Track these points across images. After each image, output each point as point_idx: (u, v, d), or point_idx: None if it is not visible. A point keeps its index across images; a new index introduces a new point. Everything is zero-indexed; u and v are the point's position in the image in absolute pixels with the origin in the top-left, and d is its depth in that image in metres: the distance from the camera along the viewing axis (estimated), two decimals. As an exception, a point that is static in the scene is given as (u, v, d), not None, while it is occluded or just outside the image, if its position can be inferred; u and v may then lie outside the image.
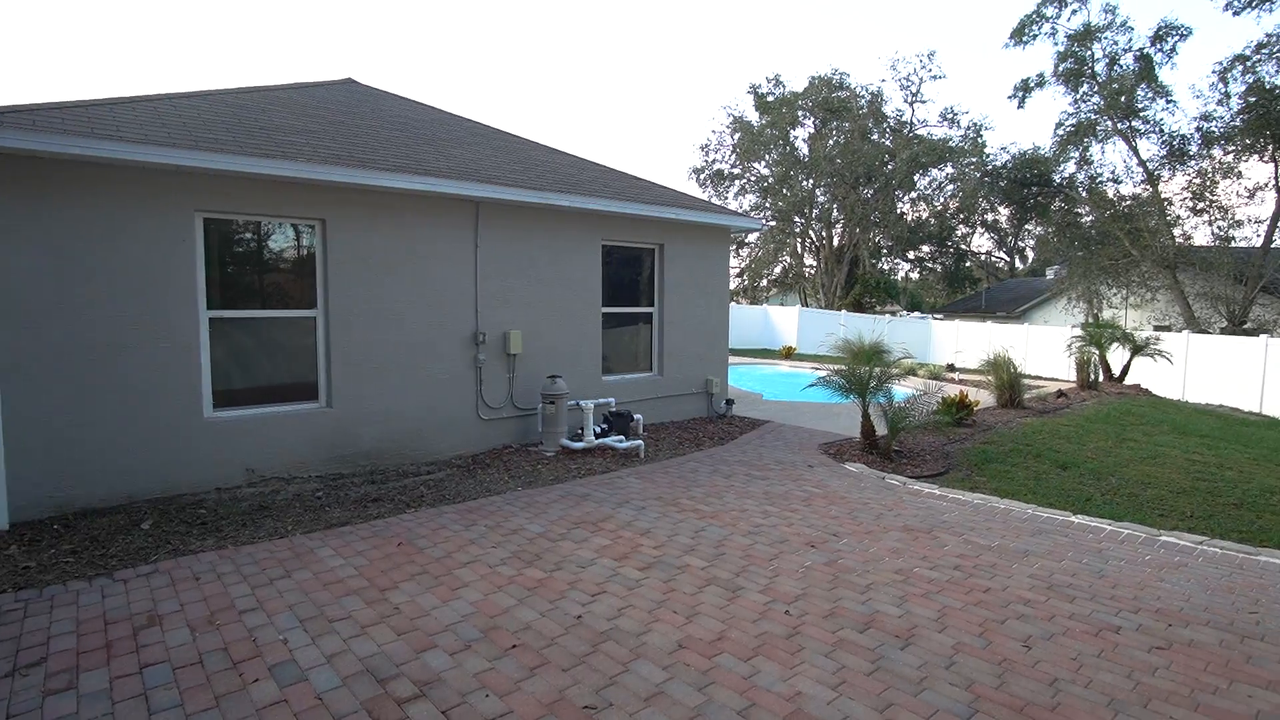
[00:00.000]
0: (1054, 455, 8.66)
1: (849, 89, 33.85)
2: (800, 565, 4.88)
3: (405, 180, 7.46)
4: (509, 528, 5.62)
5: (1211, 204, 22.45)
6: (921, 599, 4.36)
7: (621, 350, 10.36)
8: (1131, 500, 7.11)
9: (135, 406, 6.22)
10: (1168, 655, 3.73)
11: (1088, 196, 25.64)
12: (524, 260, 8.81)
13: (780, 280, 41.39)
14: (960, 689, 3.36)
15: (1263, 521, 6.52)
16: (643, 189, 10.92)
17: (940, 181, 33.79)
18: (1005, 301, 33.39)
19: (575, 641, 3.76)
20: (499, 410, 8.63)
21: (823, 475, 7.56)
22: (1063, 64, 23.64)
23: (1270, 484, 7.78)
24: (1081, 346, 14.69)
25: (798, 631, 3.91)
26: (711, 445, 9.11)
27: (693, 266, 10.87)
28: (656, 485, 7.01)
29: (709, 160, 37.60)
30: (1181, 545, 5.58)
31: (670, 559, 4.97)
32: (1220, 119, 21.64)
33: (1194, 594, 4.56)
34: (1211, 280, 21.80)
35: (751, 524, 5.79)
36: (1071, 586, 4.62)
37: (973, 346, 21.63)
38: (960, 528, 5.82)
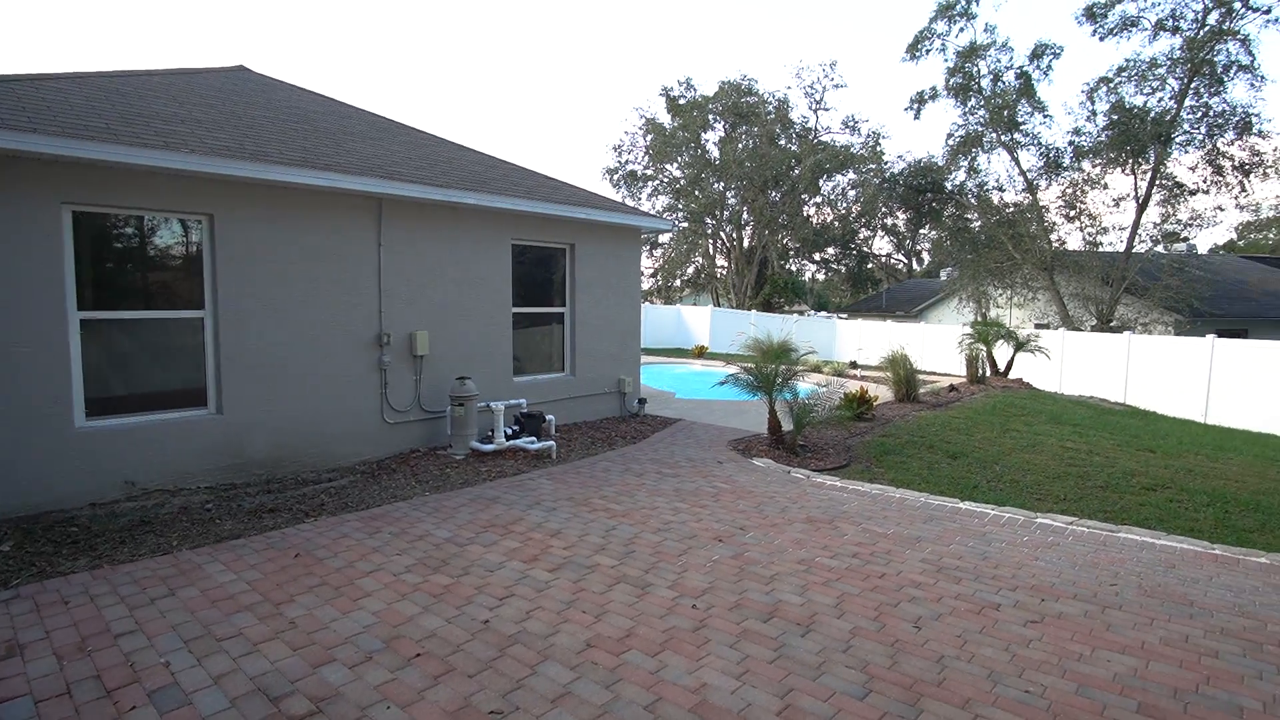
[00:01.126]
0: (945, 446, 9.20)
1: (757, 95, 34.78)
2: (708, 559, 4.99)
3: (302, 175, 7.13)
4: (415, 534, 5.47)
5: (1082, 212, 24.42)
6: (822, 587, 4.54)
7: (534, 350, 10.27)
8: (1013, 486, 7.63)
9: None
10: (1040, 628, 4.04)
11: (976, 203, 27.35)
12: (430, 259, 8.59)
13: (693, 280, 42.07)
14: (856, 671, 3.52)
15: (1124, 501, 7.14)
16: (553, 188, 10.86)
17: (843, 187, 35.27)
18: (904, 301, 35.16)
19: (482, 647, 3.70)
20: (405, 414, 8.38)
21: (731, 471, 7.74)
22: (952, 79, 25.15)
23: (1131, 467, 8.52)
24: (970, 344, 15.65)
25: (704, 624, 3.99)
26: (624, 444, 9.17)
27: (605, 266, 10.90)
28: (568, 486, 6.99)
29: (622, 161, 37.81)
30: (1055, 526, 6.04)
31: (581, 559, 4.97)
32: (1089, 134, 23.60)
33: (1064, 570, 4.95)
34: (1083, 282, 23.70)
35: (662, 521, 5.86)
36: (958, 569, 4.92)
37: (874, 344, 22.67)
38: (859, 517, 6.10)
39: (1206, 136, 22.04)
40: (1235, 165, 22.22)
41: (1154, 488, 7.64)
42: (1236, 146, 22.19)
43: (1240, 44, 20.90)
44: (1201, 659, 3.72)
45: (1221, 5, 20.67)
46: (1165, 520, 6.51)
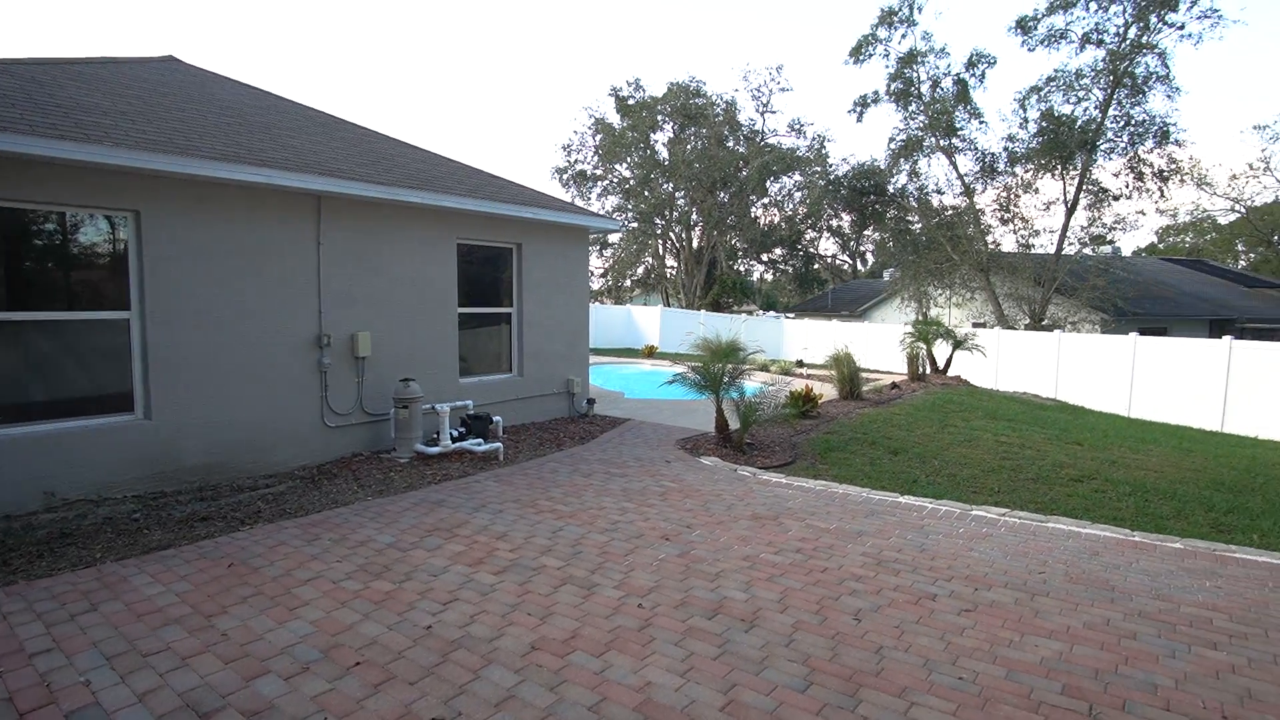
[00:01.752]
0: (887, 442, 9.44)
1: (705, 97, 35.07)
2: (655, 558, 5.01)
3: (235, 170, 6.88)
4: (356, 540, 5.34)
5: (1015, 215, 25.40)
6: (766, 583, 4.61)
7: (480, 351, 10.15)
8: (951, 480, 7.89)
9: (-107, 425, 5.32)
10: (974, 616, 4.18)
11: (917, 206, 28.17)
12: (373, 259, 8.40)
13: (643, 280, 42.19)
14: (798, 664, 3.59)
15: (1054, 493, 7.45)
16: (500, 187, 10.75)
17: (789, 188, 35.85)
18: (849, 301, 35.96)
19: (424, 653, 3.64)
20: (347, 417, 8.17)
21: (679, 470, 7.79)
22: (893, 84, 25.82)
23: (1061, 460, 8.90)
24: (911, 342, 16.11)
25: (650, 623, 4.01)
26: (572, 445, 9.13)
27: (553, 266, 10.84)
28: (515, 488, 6.93)
29: (571, 160, 37.66)
30: (989, 518, 6.27)
31: (527, 561, 4.93)
32: (1021, 141, 24.54)
33: (997, 560, 5.14)
34: (1017, 283, 24.65)
35: (609, 521, 5.86)
36: (897, 561, 5.06)
37: (819, 343, 23.11)
38: (803, 513, 6.21)
39: (1129, 144, 23.18)
40: (1155, 172, 23.43)
41: (1081, 479, 8.00)
42: (1156, 154, 23.41)
43: (1158, 57, 22.06)
44: (1121, 641, 3.91)
45: (1140, 20, 21.76)
46: (1091, 510, 6.83)
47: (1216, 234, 46.81)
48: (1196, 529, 6.37)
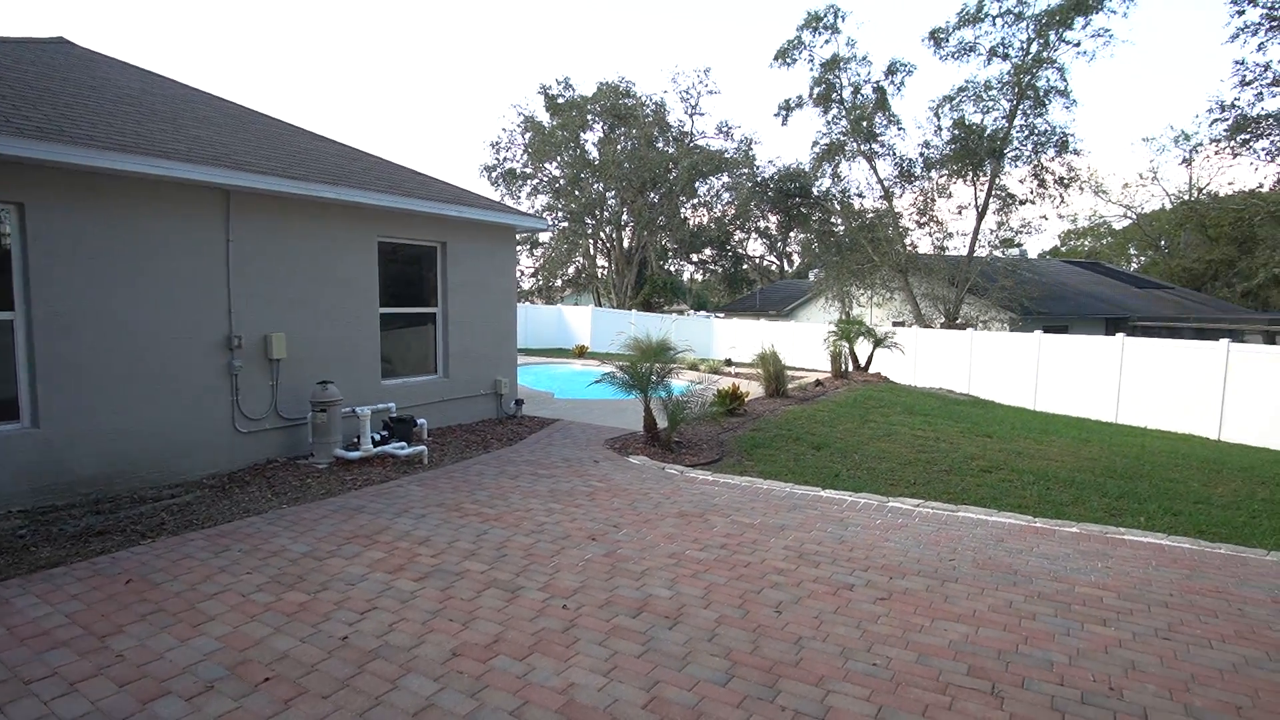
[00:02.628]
0: (810, 438, 9.70)
1: (635, 97, 35.18)
2: (581, 559, 4.99)
3: (134, 162, 6.48)
4: (269, 550, 5.12)
5: (931, 219, 26.53)
6: (691, 579, 4.66)
7: (404, 352, 9.89)
8: (870, 473, 8.17)
9: None
10: (888, 604, 4.34)
11: (840, 209, 29.04)
12: (288, 257, 8.06)
13: (574, 280, 41.99)
14: (720, 658, 3.64)
15: (965, 483, 7.82)
16: (423, 184, 10.50)
17: (718, 189, 36.35)
18: (776, 301, 36.76)
19: (339, 665, 3.52)
20: (260, 421, 7.82)
21: (607, 469, 7.79)
22: (816, 88, 26.54)
23: (972, 452, 9.34)
24: (835, 341, 16.60)
25: (574, 624, 3.99)
26: (500, 447, 9.01)
27: (479, 265, 10.66)
28: (439, 491, 6.78)
29: (500, 159, 37.11)
30: (904, 509, 6.52)
31: (449, 566, 4.83)
32: (936, 147, 25.64)
33: (911, 549, 5.35)
34: (933, 283, 25.75)
35: (536, 523, 5.81)
36: (818, 554, 5.20)
37: (747, 343, 23.55)
38: (729, 509, 6.31)
39: (1033, 153, 24.53)
40: (1056, 179, 24.88)
41: (990, 470, 8.42)
42: (1057, 163, 24.85)
43: (1057, 72, 23.43)
44: (1022, 622, 4.13)
45: (1041, 37, 23.07)
46: (998, 499, 7.19)
47: (1112, 238, 50.14)
48: (1092, 514, 6.79)
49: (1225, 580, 4.90)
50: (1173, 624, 4.16)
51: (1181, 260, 41.12)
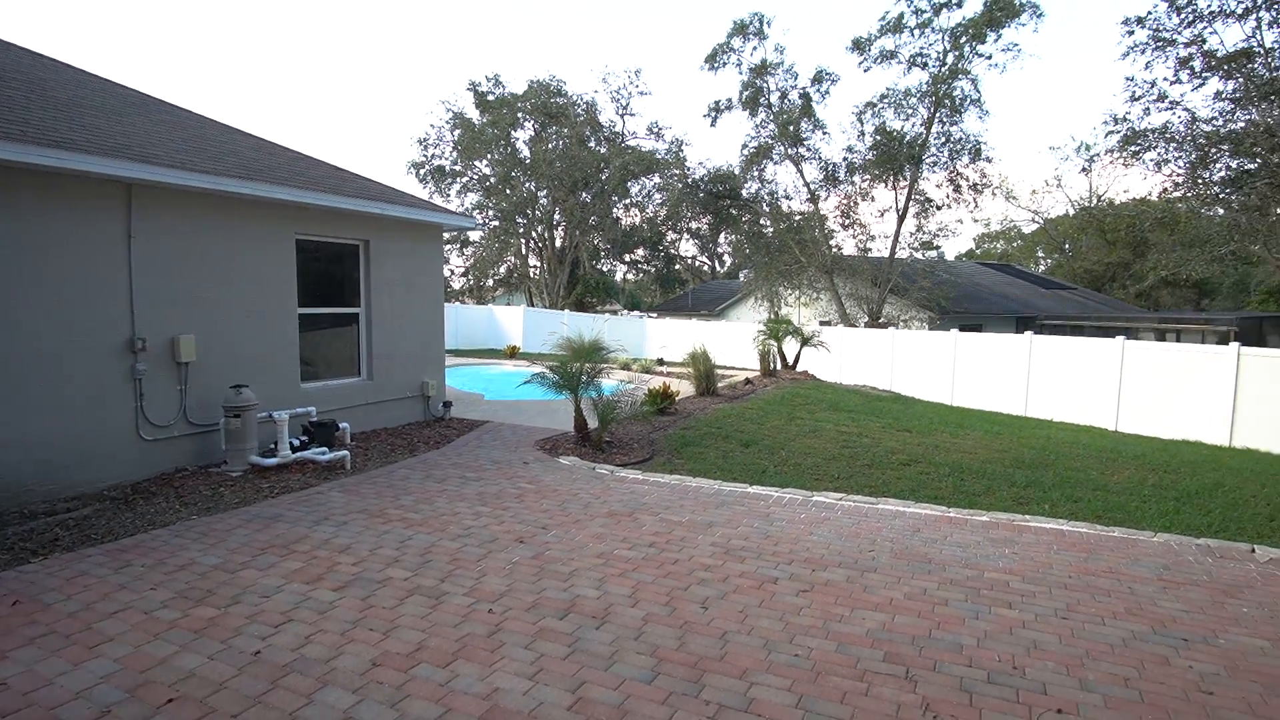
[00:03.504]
0: (739, 435, 9.87)
1: (566, 96, 34.99)
2: (508, 562, 4.93)
3: (24, 152, 6.03)
4: (175, 564, 4.85)
5: (855, 221, 27.42)
6: (619, 578, 4.67)
7: (325, 354, 9.55)
8: (796, 469, 8.37)
9: None
10: (810, 596, 4.46)
11: (769, 210, 29.66)
12: (197, 255, 7.66)
13: (506, 280, 41.48)
14: (646, 656, 3.66)
15: (885, 476, 8.10)
16: (345, 180, 10.16)
17: (649, 190, 36.55)
18: (707, 301, 37.24)
19: (250, 681, 3.37)
20: (168, 429, 7.41)
21: (537, 471, 7.73)
22: (745, 92, 27.03)
23: (892, 446, 9.70)
24: (763, 340, 16.95)
25: (500, 628, 3.94)
26: (427, 450, 8.81)
27: (405, 265, 10.39)
28: (362, 497, 6.58)
29: (429, 155, 36.28)
30: (827, 502, 6.71)
31: (371, 574, 4.69)
32: (859, 152, 26.51)
33: (833, 541, 5.52)
34: (857, 284, 26.60)
35: (462, 527, 5.70)
36: (744, 549, 5.30)
37: (679, 342, 23.77)
38: (658, 508, 6.36)
39: (949, 159, 25.65)
40: (970, 185, 26.08)
41: (909, 463, 8.75)
42: (971, 169, 26.06)
43: (971, 82, 24.56)
44: (935, 608, 4.32)
45: (956, 48, 24.15)
46: (916, 490, 7.48)
47: (1021, 241, 52.93)
48: (1001, 503, 7.15)
49: (1118, 561, 5.24)
50: (1071, 604, 4.42)
51: (1083, 262, 43.79)
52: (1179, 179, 11.68)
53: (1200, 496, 7.57)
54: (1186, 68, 10.70)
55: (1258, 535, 6.18)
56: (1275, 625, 4.17)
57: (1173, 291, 38.63)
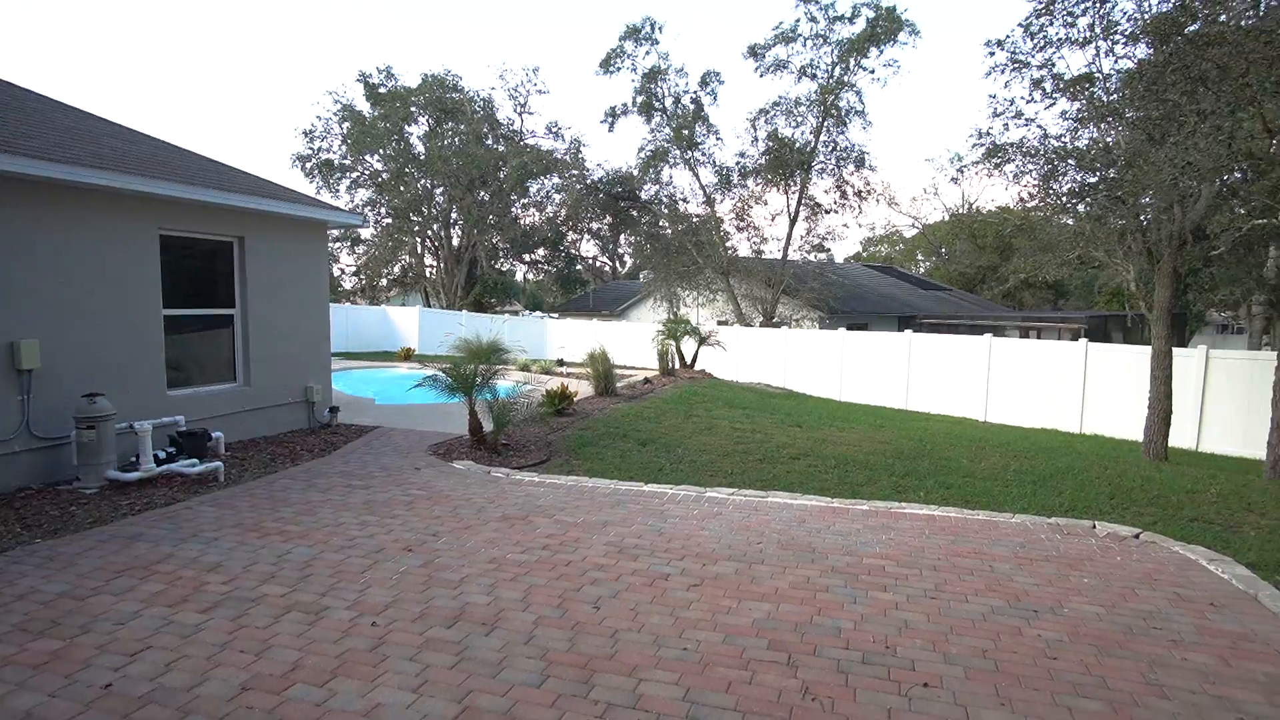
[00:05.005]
0: (637, 434, 9.97)
1: (463, 92, 34.17)
2: (395, 572, 4.77)
3: None
4: (13, 594, 4.38)
5: (749, 224, 28.33)
6: (510, 583, 4.61)
7: (197, 358, 8.90)
8: (692, 465, 8.54)
9: None
10: (700, 590, 4.56)
11: (667, 213, 30.11)
12: (42, 251, 6.96)
13: (401, 280, 40.06)
14: (536, 660, 3.63)
15: (775, 470, 8.40)
16: (216, 172, 9.51)
17: (549, 190, 36.27)
18: (609, 301, 37.38)
19: (99, 717, 3.09)
20: (8, 443, 6.68)
21: (429, 476, 7.51)
22: (639, 97, 27.34)
23: (783, 441, 10.06)
24: (662, 340, 17.19)
25: (384, 641, 3.80)
26: (311, 458, 8.38)
27: (286, 263, 9.83)
28: (237, 511, 6.17)
29: (315, 148, 34.48)
30: (720, 498, 6.89)
31: (244, 592, 4.41)
32: (752, 157, 27.38)
33: (723, 536, 5.66)
34: (751, 285, 27.46)
35: (347, 537, 5.46)
36: (637, 547, 5.35)
37: (580, 343, 23.73)
38: (553, 510, 6.32)
39: (835, 167, 26.93)
40: (855, 192, 27.49)
41: (798, 457, 9.11)
42: (856, 177, 27.48)
43: (856, 94, 25.90)
44: (817, 595, 4.52)
45: (843, 61, 25.39)
46: (804, 483, 7.80)
47: (903, 245, 56.24)
48: (881, 492, 7.56)
49: (981, 542, 5.67)
50: (939, 584, 4.74)
51: (957, 265, 47.03)
52: (1034, 189, 12.77)
53: (1054, 479, 8.28)
54: (1039, 88, 11.69)
55: (1099, 513, 6.83)
56: (1109, 593, 4.64)
57: (1034, 292, 42.13)
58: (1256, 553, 5.59)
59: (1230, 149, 8.07)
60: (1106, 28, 11.24)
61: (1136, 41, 11.00)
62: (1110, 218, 11.78)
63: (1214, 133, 7.98)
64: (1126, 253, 12.21)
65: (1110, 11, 11.25)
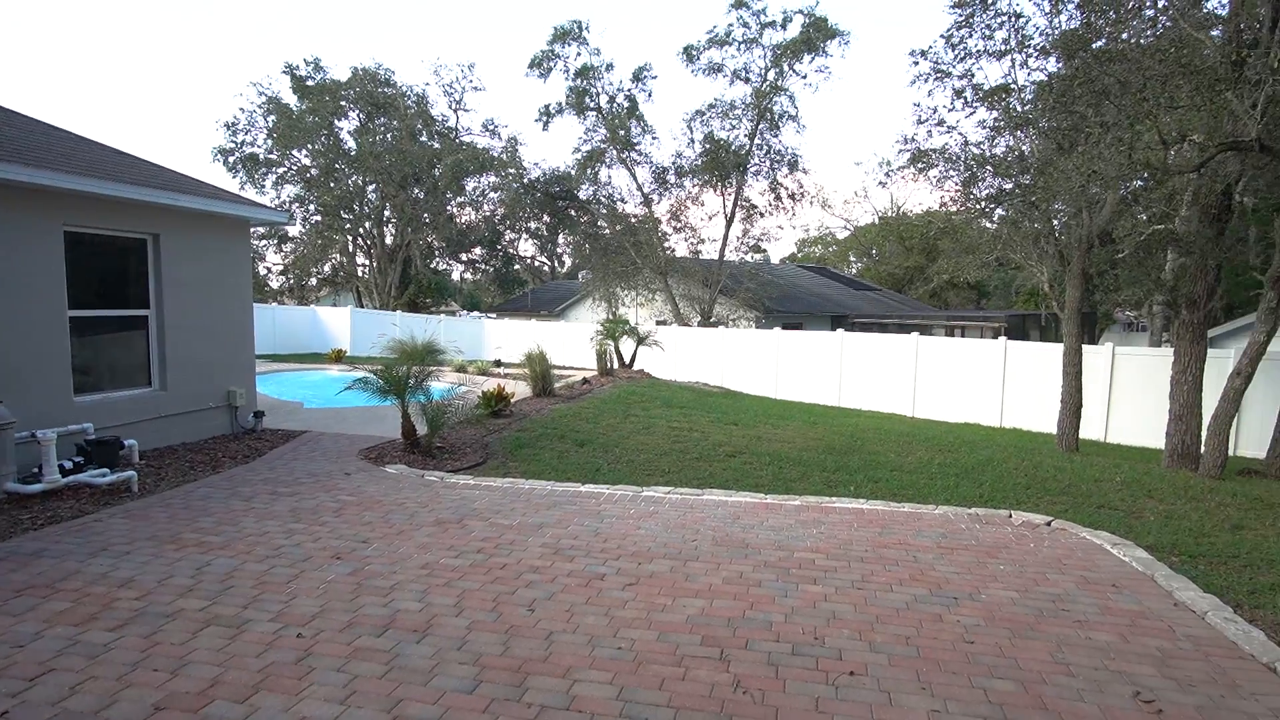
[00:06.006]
0: (575, 435, 9.94)
1: (395, 87, 33.34)
2: (322, 581, 4.63)
3: None
4: (-104, 617, 4.07)
5: (686, 224, 28.62)
6: (443, 588, 4.54)
7: (109, 362, 8.42)
8: (629, 465, 8.57)
9: None
10: (635, 589, 4.59)
11: (605, 213, 30.12)
12: (-73, 248, 6.47)
13: (332, 279, 38.83)
14: (469, 665, 3.59)
15: (712, 468, 8.51)
16: (129, 166, 9.03)
17: (485, 188, 35.77)
18: (548, 301, 37.13)
19: (-5, 745, 2.90)
20: (-110, 456, 6.19)
21: (360, 481, 7.32)
22: (572, 96, 27.29)
23: (720, 439, 10.20)
24: (601, 340, 17.19)
25: (310, 652, 3.69)
26: (233, 465, 8.05)
27: (206, 261, 9.40)
28: (151, 522, 5.88)
29: (238, 142, 33.04)
30: (656, 496, 6.94)
31: (158, 607, 4.21)
32: (689, 158, 27.66)
33: (659, 534, 5.72)
34: (689, 285, 27.75)
35: (272, 547, 5.27)
36: (573, 548, 5.35)
37: (519, 343, 23.48)
38: (488, 513, 6.25)
39: (771, 169, 27.46)
40: (789, 194, 28.09)
41: (734, 454, 9.25)
42: (790, 179, 28.08)
43: (789, 99, 26.48)
44: (749, 589, 4.61)
45: (776, 66, 25.92)
46: (739, 480, 7.93)
47: (836, 246, 57.77)
48: (814, 487, 7.75)
49: (906, 534, 5.89)
50: (866, 575, 4.90)
51: (887, 266, 48.64)
52: (955, 194, 13.35)
53: (975, 471, 8.66)
54: (960, 98, 12.24)
55: (1016, 502, 7.19)
56: (1023, 579, 4.89)
57: (958, 292, 43.95)
58: (1154, 536, 5.99)
59: (1130, 159, 8.61)
60: (1021, 42, 11.86)
61: (1048, 55, 11.64)
62: (1025, 222, 12.41)
63: (1116, 143, 8.50)
64: (1040, 255, 12.89)
65: (1024, 26, 11.89)
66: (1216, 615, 4.30)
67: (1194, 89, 8.05)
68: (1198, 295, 10.19)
